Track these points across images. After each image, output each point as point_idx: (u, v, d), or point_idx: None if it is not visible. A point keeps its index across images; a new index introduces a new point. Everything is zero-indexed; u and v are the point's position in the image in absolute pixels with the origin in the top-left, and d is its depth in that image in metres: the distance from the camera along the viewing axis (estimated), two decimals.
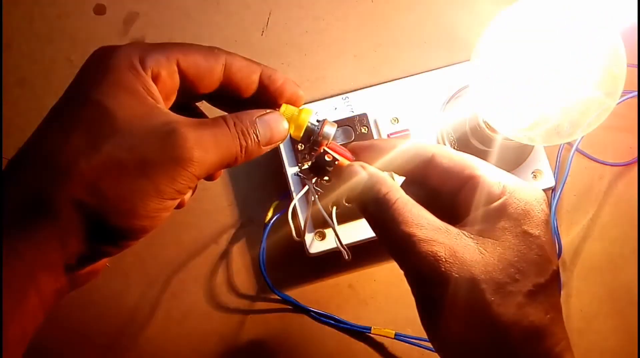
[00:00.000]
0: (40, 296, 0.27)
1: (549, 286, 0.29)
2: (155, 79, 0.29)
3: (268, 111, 0.31)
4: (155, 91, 0.29)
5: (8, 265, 0.25)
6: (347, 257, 0.36)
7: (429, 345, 0.45)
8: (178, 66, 0.30)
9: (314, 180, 0.35)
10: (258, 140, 0.30)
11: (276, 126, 0.31)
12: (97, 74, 0.28)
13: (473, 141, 0.45)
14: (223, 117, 0.30)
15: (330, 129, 0.33)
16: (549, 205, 0.31)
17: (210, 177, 0.35)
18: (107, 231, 0.27)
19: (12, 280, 0.25)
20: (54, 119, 0.28)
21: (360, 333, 0.48)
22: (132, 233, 0.28)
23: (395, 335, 0.46)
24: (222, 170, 0.35)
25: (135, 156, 0.26)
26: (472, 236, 0.29)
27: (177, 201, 0.29)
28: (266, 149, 0.31)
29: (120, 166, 0.26)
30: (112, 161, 0.26)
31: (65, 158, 0.26)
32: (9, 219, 0.25)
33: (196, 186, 0.33)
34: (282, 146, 0.46)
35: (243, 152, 0.30)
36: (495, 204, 0.29)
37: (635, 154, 0.51)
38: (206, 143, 0.28)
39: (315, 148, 0.33)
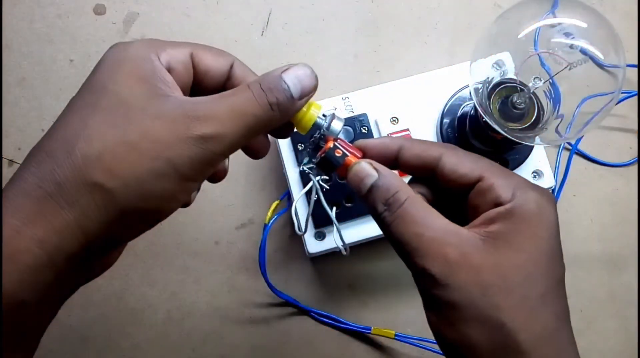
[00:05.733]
0: (60, 287, 0.27)
1: (558, 290, 0.29)
2: (171, 71, 0.30)
3: (291, 64, 0.30)
4: (170, 79, 0.29)
5: (30, 252, 0.25)
6: (345, 253, 0.36)
7: (429, 345, 0.46)
8: (192, 60, 0.31)
9: (318, 177, 0.35)
10: (291, 93, 0.30)
11: (304, 76, 0.30)
12: (113, 65, 0.29)
13: (473, 142, 0.45)
14: (247, 82, 0.30)
15: (338, 124, 0.33)
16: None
17: (213, 178, 0.35)
18: (126, 215, 0.27)
19: (34, 271, 0.25)
20: (73, 109, 0.28)
21: (360, 333, 0.48)
22: (151, 216, 0.28)
23: (395, 335, 0.46)
24: (227, 171, 0.35)
25: (149, 139, 0.27)
26: (482, 238, 0.28)
27: (198, 183, 0.30)
28: (301, 103, 0.30)
29: (135, 149, 0.27)
30: (127, 145, 0.27)
31: (82, 144, 0.26)
32: (30, 207, 0.26)
33: (200, 185, 0.33)
34: (282, 146, 0.46)
35: (277, 109, 0.29)
36: (506, 206, 0.29)
37: (635, 154, 0.51)
38: (221, 116, 0.28)
39: (321, 143, 0.33)
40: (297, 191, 0.45)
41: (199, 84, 0.32)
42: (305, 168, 0.37)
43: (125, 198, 0.27)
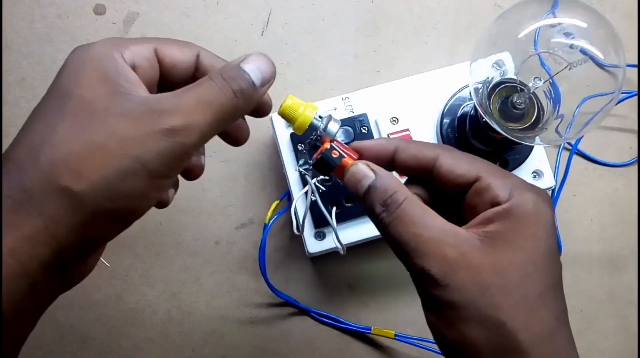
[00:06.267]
0: (37, 297, 0.27)
1: (556, 289, 0.29)
2: (136, 69, 0.29)
3: (248, 54, 0.30)
4: (134, 77, 0.29)
5: (3, 263, 0.25)
6: (342, 252, 0.36)
7: (429, 345, 0.46)
8: (156, 55, 0.30)
9: (314, 179, 0.35)
10: (252, 81, 0.30)
11: (262, 64, 0.30)
12: (75, 68, 0.28)
13: (473, 142, 0.45)
14: (208, 74, 0.30)
15: (335, 126, 0.33)
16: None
17: (188, 175, 0.35)
18: (96, 217, 0.27)
19: (8, 282, 0.25)
20: (38, 116, 0.28)
21: (360, 333, 0.48)
22: (123, 216, 0.28)
23: (395, 335, 0.46)
24: (203, 169, 0.35)
25: (115, 138, 0.26)
26: (480, 238, 0.28)
27: (171, 179, 0.29)
28: (263, 91, 0.30)
29: (101, 149, 0.26)
30: (93, 146, 0.26)
31: (48, 149, 0.26)
32: None
33: (178, 182, 0.33)
34: (282, 146, 0.46)
35: (241, 96, 0.29)
36: (504, 206, 0.29)
37: (635, 154, 0.51)
38: (188, 107, 0.28)
39: (318, 144, 0.33)
40: (297, 191, 0.45)
41: (167, 79, 0.31)
42: (301, 170, 0.37)
43: (93, 200, 0.26)
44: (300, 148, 0.46)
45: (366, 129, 0.46)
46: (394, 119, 0.47)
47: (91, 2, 0.52)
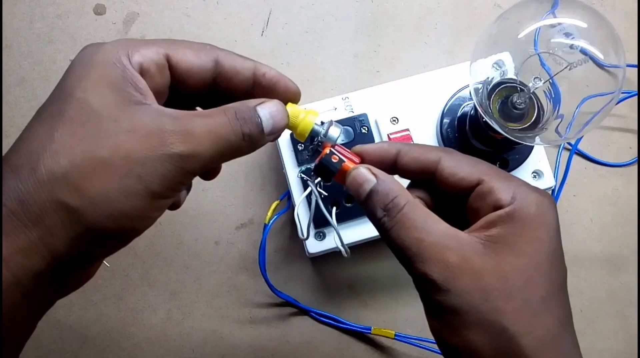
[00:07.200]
0: (31, 304, 0.26)
1: (560, 293, 0.29)
2: (144, 74, 0.28)
3: (266, 99, 0.30)
4: (143, 85, 0.28)
5: None
6: (346, 255, 0.36)
7: (429, 345, 0.46)
8: (168, 61, 0.29)
9: (316, 181, 0.35)
10: (262, 127, 0.29)
11: (277, 114, 0.30)
12: (82, 70, 0.27)
13: (473, 142, 0.45)
14: (222, 107, 0.29)
15: (335, 131, 0.33)
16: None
17: (207, 175, 0.35)
18: (94, 234, 0.26)
19: (2, 291, 0.25)
20: (39, 120, 0.27)
21: (360, 334, 0.48)
22: (122, 235, 0.27)
23: (395, 335, 0.46)
24: (221, 169, 0.35)
25: (120, 155, 0.25)
26: (482, 242, 0.28)
27: (171, 199, 0.28)
28: (269, 138, 0.30)
29: (105, 166, 0.25)
30: (96, 161, 0.25)
31: (48, 159, 0.25)
32: None
33: (191, 185, 0.32)
34: (282, 146, 0.46)
35: (247, 140, 0.29)
36: (506, 209, 0.29)
37: (635, 154, 0.51)
38: (199, 135, 0.27)
39: (319, 149, 0.33)
40: (297, 191, 0.45)
41: (184, 85, 0.30)
42: (303, 175, 0.37)
43: (92, 217, 0.25)
44: (300, 148, 0.46)
45: (366, 129, 0.46)
46: (394, 119, 0.47)
47: (91, 2, 0.52)
